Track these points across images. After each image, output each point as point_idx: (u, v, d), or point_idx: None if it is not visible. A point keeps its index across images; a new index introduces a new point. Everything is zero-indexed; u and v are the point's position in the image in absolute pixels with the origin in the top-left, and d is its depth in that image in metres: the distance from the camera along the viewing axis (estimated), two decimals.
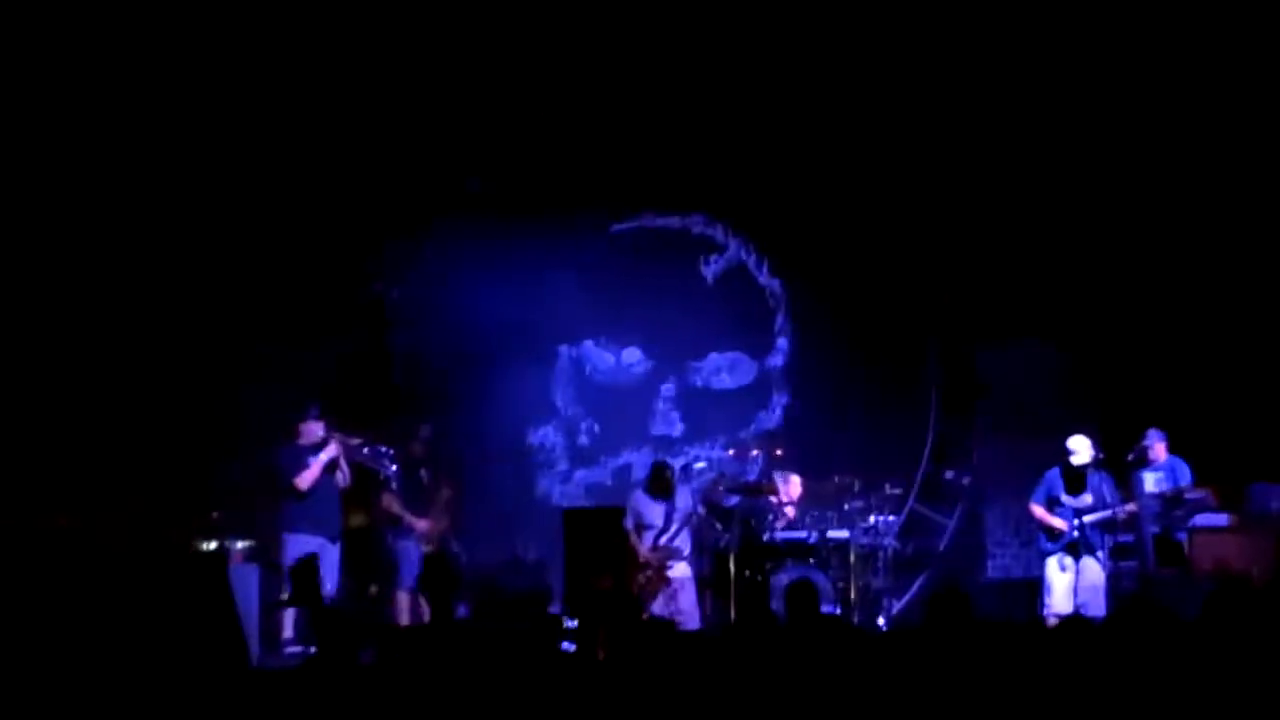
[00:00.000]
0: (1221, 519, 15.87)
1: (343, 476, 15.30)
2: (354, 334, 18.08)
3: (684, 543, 15.67)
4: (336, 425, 15.61)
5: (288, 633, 15.13)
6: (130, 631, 8.60)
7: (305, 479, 14.94)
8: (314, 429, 15.36)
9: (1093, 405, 18.31)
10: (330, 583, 14.65)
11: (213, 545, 16.47)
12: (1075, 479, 15.22)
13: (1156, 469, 16.25)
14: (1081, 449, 15.29)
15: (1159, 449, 16.30)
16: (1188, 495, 16.03)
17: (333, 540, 14.95)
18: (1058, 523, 15.11)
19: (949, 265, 18.82)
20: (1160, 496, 15.99)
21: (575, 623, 14.02)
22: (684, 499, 15.80)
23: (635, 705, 7.05)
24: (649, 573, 15.35)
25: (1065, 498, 15.17)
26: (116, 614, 8.59)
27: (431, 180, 18.39)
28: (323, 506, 14.95)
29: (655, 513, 15.64)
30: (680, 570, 15.56)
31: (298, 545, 14.59)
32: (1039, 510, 15.32)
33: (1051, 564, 15.22)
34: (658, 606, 15.17)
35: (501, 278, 18.11)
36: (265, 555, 15.70)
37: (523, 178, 18.62)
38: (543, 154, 18.66)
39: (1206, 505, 15.98)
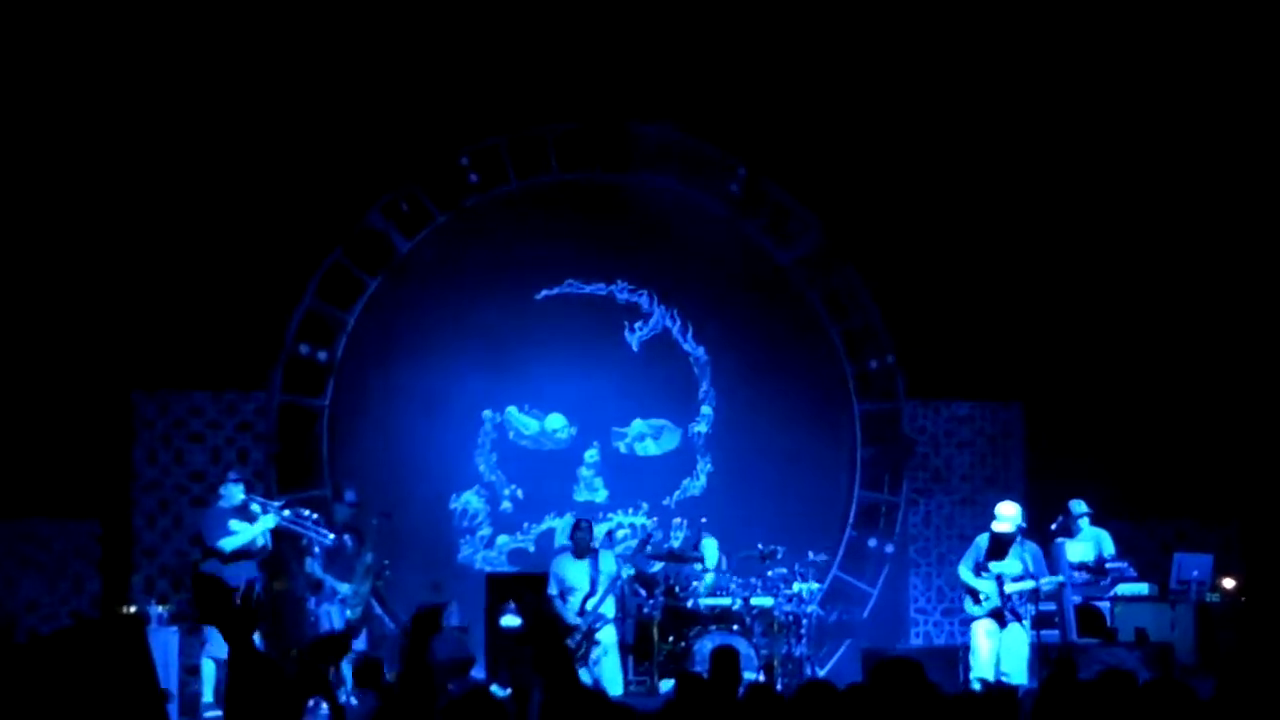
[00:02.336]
0: (1143, 588, 16.00)
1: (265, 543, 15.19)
2: (279, 394, 17.95)
3: (609, 607, 15.63)
4: (253, 489, 15.52)
5: (207, 697, 15.01)
6: (50, 698, 8.45)
7: (230, 545, 14.80)
8: (233, 492, 15.26)
9: (1018, 471, 18.48)
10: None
11: (131, 609, 16.33)
12: (1000, 546, 15.24)
13: (1080, 539, 16.37)
14: (1009, 516, 15.33)
15: (1084, 520, 16.43)
16: (1110, 565, 16.14)
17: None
18: (985, 587, 15.11)
19: (872, 330, 18.87)
20: (1083, 566, 16.09)
21: (503, 691, 14.00)
22: (608, 562, 15.78)
23: None
24: (579, 638, 15.31)
25: (992, 564, 15.17)
26: (34, 682, 8.45)
27: (363, 242, 18.27)
28: (242, 569, 14.80)
29: (579, 575, 15.62)
30: (607, 636, 15.51)
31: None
32: (968, 575, 15.32)
33: (977, 630, 15.22)
34: (583, 674, 15.11)
35: (427, 344, 18.07)
36: (185, 618, 15.58)
37: (448, 243, 18.56)
38: (469, 222, 18.62)
39: (1128, 575, 16.10)
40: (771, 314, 19.01)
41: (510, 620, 16.02)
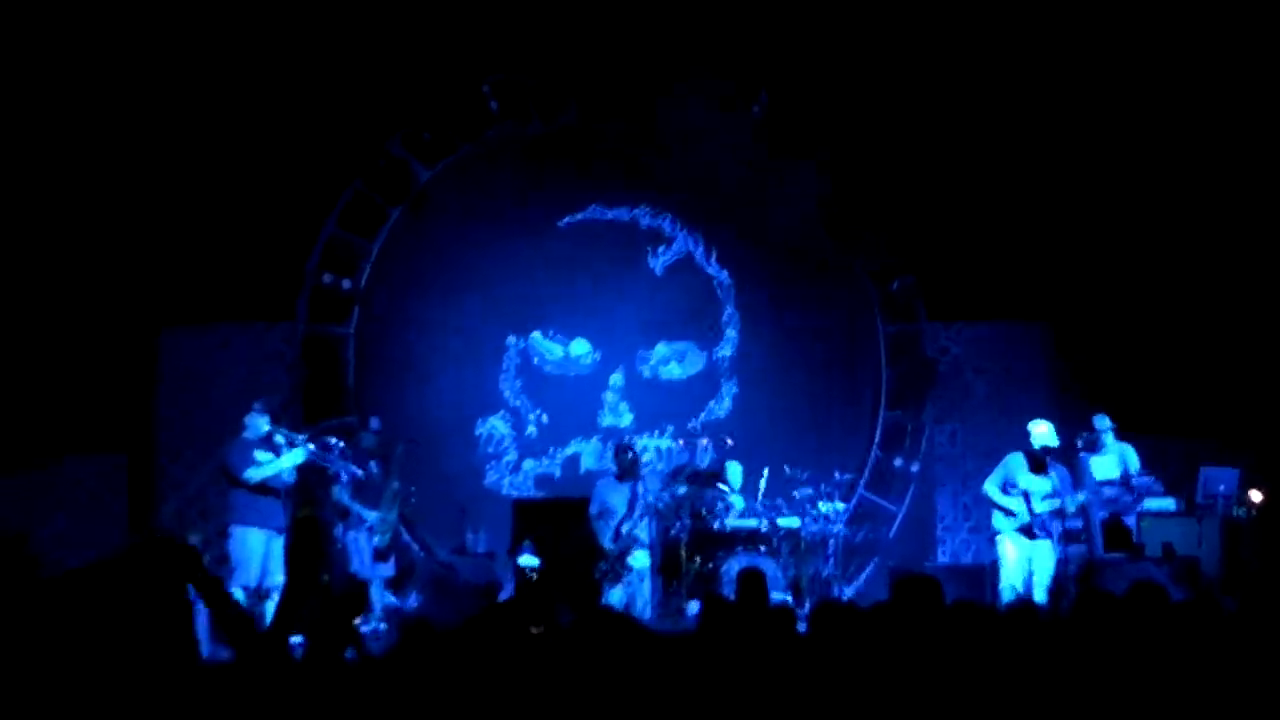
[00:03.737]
0: (1169, 503, 15.98)
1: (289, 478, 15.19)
2: (304, 324, 18.00)
3: (645, 531, 15.66)
4: (279, 419, 15.54)
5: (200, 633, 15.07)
6: (86, 628, 8.51)
7: (255, 475, 14.82)
8: (258, 423, 15.29)
9: (1044, 390, 18.44)
10: (279, 574, 14.57)
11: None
12: (1037, 462, 15.21)
13: (1105, 454, 16.35)
14: (1044, 433, 15.29)
15: (1108, 435, 16.41)
16: (1135, 480, 16.13)
17: (280, 532, 14.85)
18: (1014, 504, 15.10)
19: (895, 249, 18.81)
20: (1109, 482, 16.08)
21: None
22: (649, 483, 15.80)
23: (598, 702, 7.02)
24: (611, 560, 15.36)
25: (1025, 480, 15.13)
26: (67, 615, 8.51)
27: (381, 172, 18.26)
28: (270, 498, 14.84)
29: (619, 499, 15.66)
30: (640, 560, 15.57)
31: (245, 537, 14.50)
32: (995, 493, 15.30)
33: (1005, 544, 15.21)
34: (615, 596, 15.19)
35: (449, 269, 18.09)
36: (212, 546, 15.66)
37: (470, 172, 18.55)
38: (490, 150, 18.60)
39: (1154, 490, 16.09)
40: (795, 236, 18.91)
41: (528, 559, 16.09)
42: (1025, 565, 14.96)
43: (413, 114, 18.33)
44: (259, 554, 14.51)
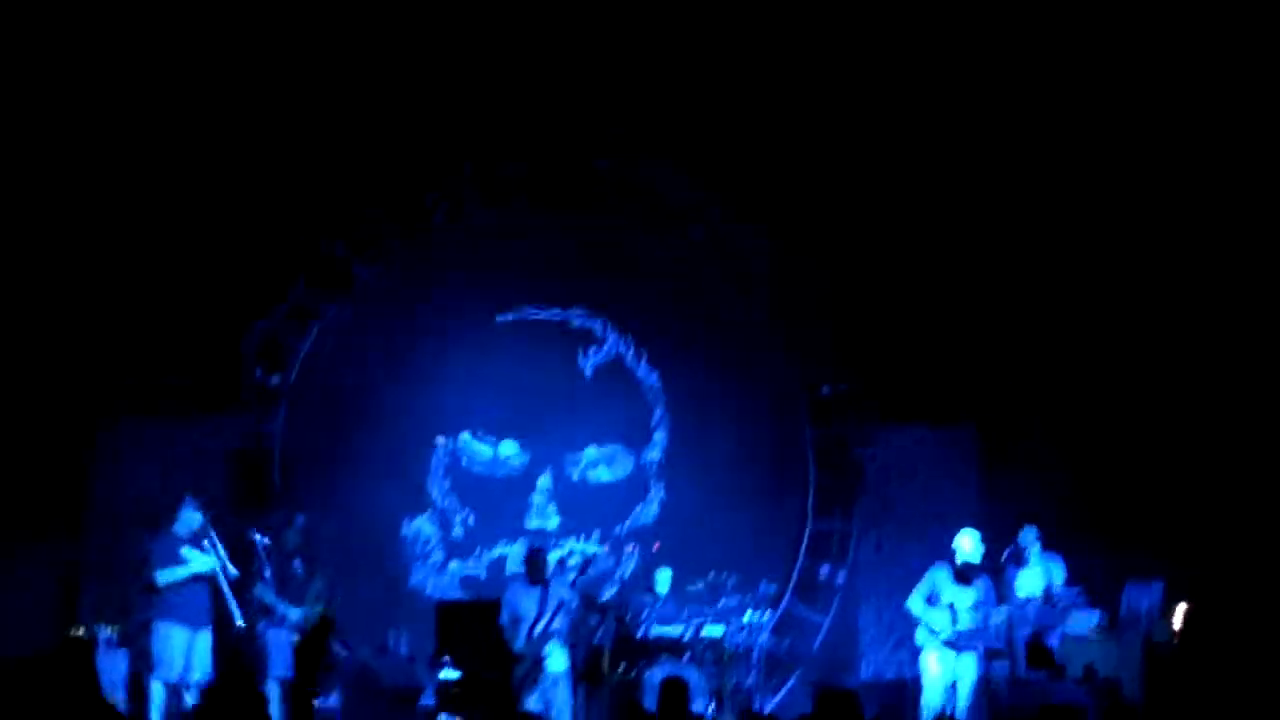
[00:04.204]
0: (1094, 616, 15.97)
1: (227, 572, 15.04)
2: (231, 419, 17.95)
3: (559, 633, 15.55)
4: (214, 517, 15.44)
5: (155, 717, 14.93)
6: None
7: (163, 578, 14.70)
8: (190, 518, 15.19)
9: (971, 499, 18.46)
10: (200, 671, 14.46)
11: (79, 631, 16.28)
12: (962, 576, 15.24)
13: (1030, 568, 16.38)
14: (970, 545, 15.33)
15: (1034, 549, 16.45)
16: (1058, 593, 16.14)
17: (199, 629, 14.72)
18: (939, 619, 15.10)
19: (824, 355, 18.87)
20: (1032, 600, 16.10)
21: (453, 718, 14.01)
22: (558, 588, 15.71)
23: None
24: (526, 665, 15.24)
25: (950, 594, 15.14)
26: None
27: (316, 265, 18.28)
28: (193, 594, 14.71)
29: (530, 603, 15.55)
30: (557, 664, 15.46)
31: (166, 633, 14.37)
32: (919, 607, 15.31)
33: (929, 659, 15.20)
34: (533, 701, 15.08)
35: (381, 368, 18.08)
36: (134, 640, 15.51)
37: (405, 268, 18.57)
38: (428, 244, 18.65)
39: (1077, 603, 16.10)
40: (727, 341, 18.98)
41: (448, 674, 15.99)
42: (948, 681, 14.96)
43: (352, 211, 18.33)
44: (181, 650, 14.40)
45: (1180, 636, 15.73)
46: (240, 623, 14.73)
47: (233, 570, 14.87)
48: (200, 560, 14.70)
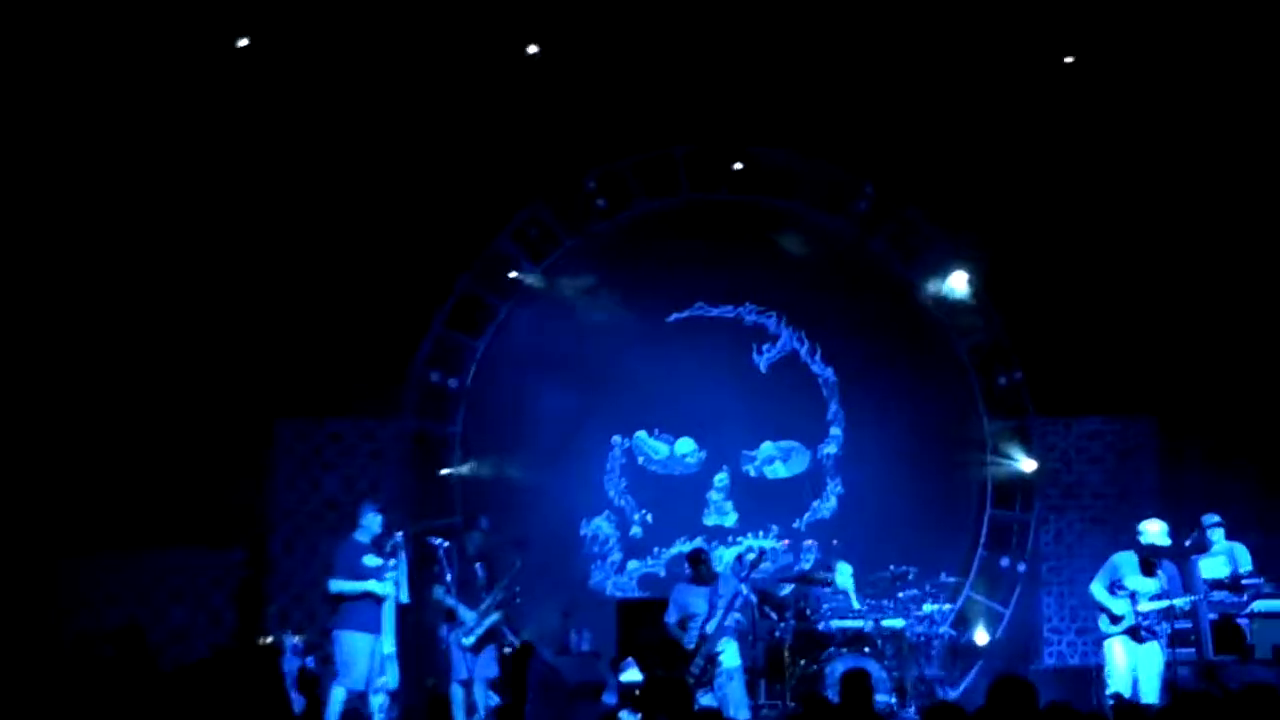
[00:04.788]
0: None
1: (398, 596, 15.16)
2: (410, 422, 18.16)
3: (731, 626, 15.51)
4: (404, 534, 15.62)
5: None
6: None
7: (336, 586, 14.89)
8: (372, 522, 15.37)
9: (1152, 489, 18.25)
10: (390, 678, 14.59)
11: (268, 639, 16.54)
12: (1146, 563, 15.05)
13: (1215, 555, 16.12)
14: (1156, 532, 15.13)
15: (1218, 535, 16.19)
16: (1246, 581, 15.88)
17: (380, 636, 14.87)
18: (1120, 607, 14.93)
19: (1001, 344, 18.76)
20: (1219, 583, 15.86)
21: (633, 716, 14.04)
22: (727, 584, 15.71)
23: None
24: (700, 663, 15.24)
25: (1133, 581, 14.96)
26: (166, 714, 8.62)
27: (491, 268, 18.46)
28: (373, 603, 14.88)
29: (699, 602, 15.55)
30: (730, 659, 15.45)
31: (351, 642, 14.53)
32: (1102, 594, 15.14)
33: (1113, 647, 15.02)
34: (708, 697, 15.08)
35: (557, 369, 18.17)
36: (319, 647, 15.72)
37: (577, 268, 18.70)
38: (597, 246, 18.76)
39: (1264, 591, 15.84)
40: (900, 332, 18.94)
41: (631, 675, 16.05)
42: (1132, 671, 14.77)
43: (519, 208, 18.51)
44: (364, 657, 14.54)
45: None
46: (390, 649, 14.81)
47: (405, 596, 14.98)
48: (377, 583, 14.83)
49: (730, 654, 15.42)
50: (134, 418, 17.29)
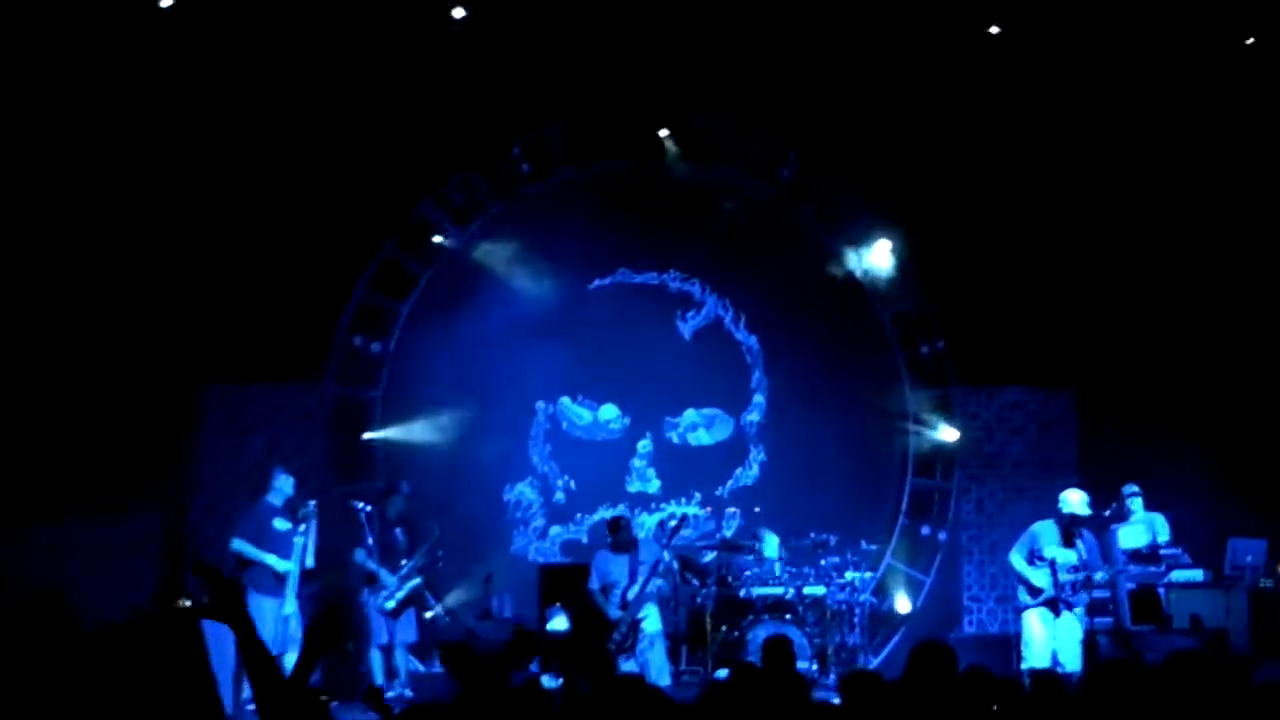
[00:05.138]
0: (1197, 574, 15.87)
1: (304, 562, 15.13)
2: (334, 386, 18.07)
3: (653, 592, 15.55)
4: (304, 483, 15.58)
5: (248, 691, 15.03)
6: (105, 694, 8.52)
7: (239, 546, 14.90)
8: (284, 485, 15.34)
9: (1073, 457, 18.39)
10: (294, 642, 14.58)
11: (187, 603, 16.42)
12: (1066, 533, 15.15)
13: (1134, 524, 16.27)
14: (1077, 501, 15.23)
15: (1137, 504, 16.34)
16: (1164, 551, 16.03)
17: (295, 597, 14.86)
18: (1038, 577, 15.03)
19: (924, 314, 18.84)
20: (1137, 553, 15.99)
21: (555, 680, 14.06)
22: (649, 550, 15.73)
23: None
24: (622, 629, 15.28)
25: (1052, 551, 15.06)
26: (89, 676, 8.52)
27: (415, 233, 18.38)
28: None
29: (620, 570, 15.59)
30: (652, 625, 15.49)
31: (258, 605, 14.50)
32: (1020, 564, 15.24)
33: (1030, 618, 15.13)
34: (630, 663, 15.11)
35: (480, 334, 18.08)
36: None
37: (501, 234, 18.61)
38: (521, 212, 18.69)
39: (1182, 561, 15.99)
40: (824, 301, 18.95)
41: (558, 623, 16.05)
42: (1050, 642, 14.89)
43: (444, 174, 18.42)
44: (271, 620, 14.53)
45: None
46: (287, 610, 14.77)
47: (310, 561, 14.95)
48: (275, 559, 14.82)
49: (652, 620, 15.48)
50: (55, 383, 17.11)
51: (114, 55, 16.81)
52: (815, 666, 16.02)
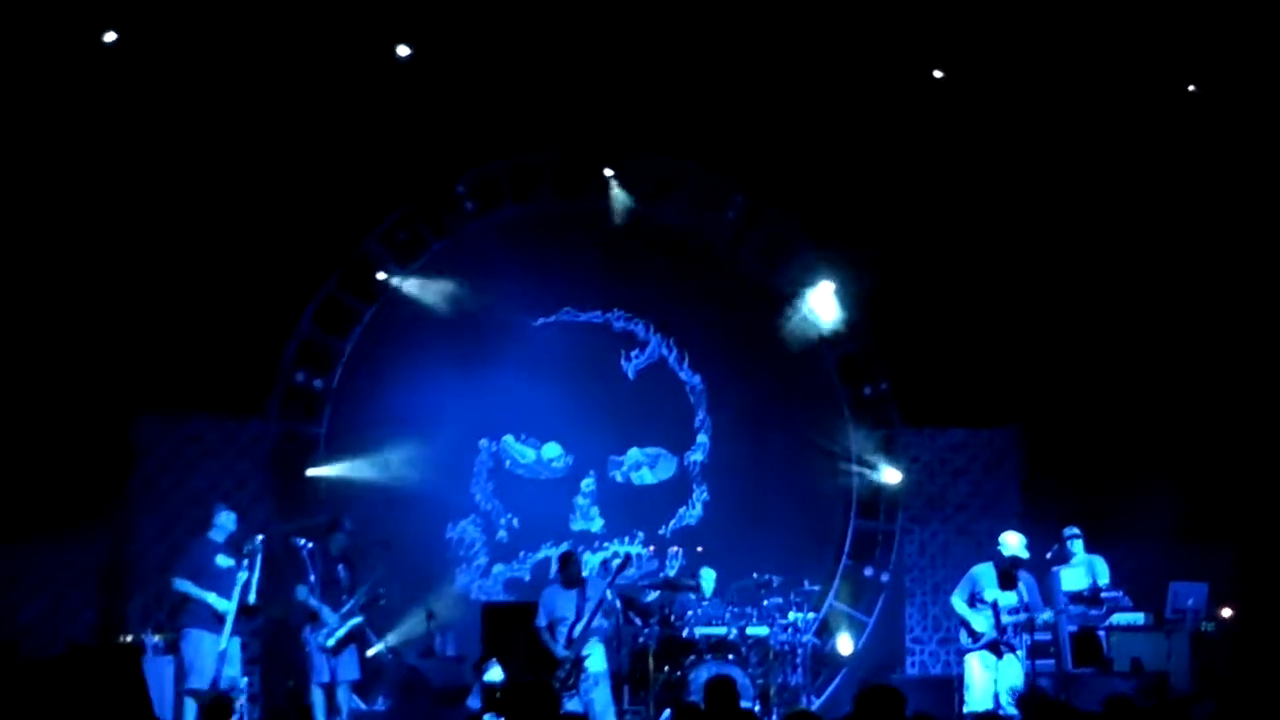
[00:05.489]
0: (1138, 617, 15.92)
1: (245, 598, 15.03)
2: (276, 421, 17.98)
3: (599, 632, 15.51)
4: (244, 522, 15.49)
5: None
6: None
7: (181, 585, 14.81)
8: (226, 521, 15.25)
9: (1014, 500, 18.47)
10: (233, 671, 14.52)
11: (128, 638, 16.30)
12: (1006, 575, 15.19)
13: (1075, 566, 16.32)
14: (1015, 544, 15.28)
15: (1077, 546, 16.40)
16: (1105, 594, 16.09)
17: (233, 635, 14.75)
18: (981, 620, 15.06)
19: (869, 354, 18.90)
20: (1078, 595, 16.05)
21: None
22: (595, 587, 15.70)
23: None
24: (567, 667, 15.22)
25: (992, 594, 15.11)
26: (35, 704, 8.47)
27: (359, 270, 18.33)
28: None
29: (567, 606, 15.54)
30: (596, 664, 15.44)
31: (198, 640, 14.43)
32: (961, 607, 15.28)
33: (972, 661, 15.17)
34: (574, 702, 15.05)
35: (423, 371, 18.03)
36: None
37: (444, 271, 18.57)
38: (465, 250, 18.66)
39: (1122, 604, 16.04)
40: (768, 341, 18.97)
41: (493, 675, 15.98)
42: (992, 685, 14.91)
43: (387, 212, 18.37)
44: (211, 656, 14.43)
45: (1230, 628, 15.70)
46: (222, 646, 14.67)
47: (252, 598, 14.85)
48: (216, 598, 14.72)
49: (596, 658, 15.42)
50: None
51: (56, 90, 16.71)
52: (758, 707, 15.98)
